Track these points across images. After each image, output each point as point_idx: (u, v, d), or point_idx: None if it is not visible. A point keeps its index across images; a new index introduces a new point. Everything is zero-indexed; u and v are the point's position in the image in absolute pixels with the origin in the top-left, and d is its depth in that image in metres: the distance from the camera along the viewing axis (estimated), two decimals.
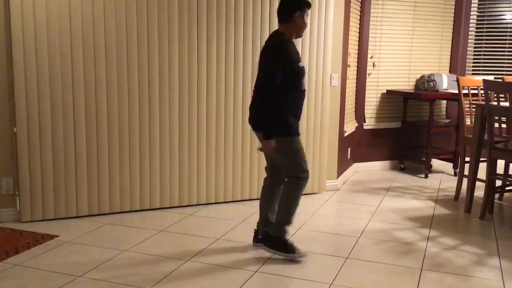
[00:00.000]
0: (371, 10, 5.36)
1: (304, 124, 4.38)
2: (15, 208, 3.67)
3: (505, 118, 3.69)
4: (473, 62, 5.89)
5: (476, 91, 4.95)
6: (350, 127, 5.08)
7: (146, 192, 3.95)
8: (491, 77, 5.51)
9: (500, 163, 4.19)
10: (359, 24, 5.30)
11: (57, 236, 3.40)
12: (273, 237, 3.11)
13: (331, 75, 4.45)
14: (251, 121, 3.14)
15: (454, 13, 5.72)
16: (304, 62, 4.29)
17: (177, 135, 3.97)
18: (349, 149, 5.24)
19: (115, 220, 3.75)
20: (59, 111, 3.60)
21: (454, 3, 5.70)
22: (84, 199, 3.77)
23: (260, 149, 3.10)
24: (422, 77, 5.60)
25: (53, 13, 3.50)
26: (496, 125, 3.86)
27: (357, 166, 5.56)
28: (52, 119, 3.59)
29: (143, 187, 3.93)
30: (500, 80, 4.82)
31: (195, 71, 3.95)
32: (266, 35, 4.12)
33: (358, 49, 5.31)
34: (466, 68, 5.89)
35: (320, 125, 4.44)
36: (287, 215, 3.09)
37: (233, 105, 4.11)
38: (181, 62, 3.89)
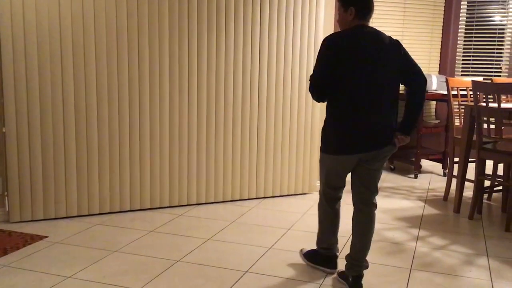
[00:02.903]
0: None
1: (295, 124, 4.39)
2: (4, 208, 3.65)
3: (493, 119, 3.72)
4: (462, 63, 5.93)
5: (465, 92, 4.99)
6: None
7: (136, 192, 3.93)
8: (480, 78, 5.55)
9: (489, 164, 4.23)
10: None
11: (47, 236, 3.38)
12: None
13: None
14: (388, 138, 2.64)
15: (444, 14, 5.76)
16: (295, 63, 4.31)
17: (168, 134, 3.96)
18: None
19: (105, 221, 3.73)
20: (49, 111, 3.58)
21: (443, 4, 5.74)
22: (73, 200, 3.75)
23: None
24: None
25: (43, 13, 3.47)
26: (485, 125, 3.89)
27: None
28: (42, 119, 3.57)
29: (133, 187, 3.92)
30: (489, 81, 4.86)
31: (186, 71, 3.94)
32: (258, 32, 4.13)
33: None
34: (455, 69, 5.93)
35: (310, 124, 4.45)
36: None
37: (224, 104, 4.11)
38: (171, 62, 3.89)
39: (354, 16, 2.57)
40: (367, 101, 2.53)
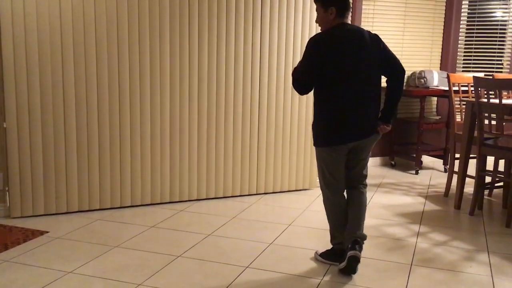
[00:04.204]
0: (363, 7, 5.36)
1: (295, 119, 4.39)
2: (4, 204, 3.65)
3: (494, 115, 3.72)
4: (464, 59, 5.92)
5: (466, 88, 4.98)
6: None
7: (137, 188, 3.94)
8: (481, 74, 5.54)
9: (490, 160, 4.22)
10: (351, 21, 5.30)
11: (47, 232, 3.39)
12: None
13: None
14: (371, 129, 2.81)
15: (445, 10, 5.75)
16: (295, 61, 4.30)
17: (169, 130, 3.96)
18: None
19: (106, 216, 3.73)
20: (49, 106, 3.58)
21: (445, 0, 5.73)
22: (74, 195, 3.75)
23: None
24: (413, 73, 5.62)
25: (43, 8, 3.47)
26: (486, 121, 3.89)
27: None
28: (42, 114, 3.57)
29: (134, 183, 3.92)
30: (490, 77, 4.85)
31: (187, 66, 3.94)
32: (259, 29, 4.12)
33: None
34: (457, 65, 5.92)
35: (311, 120, 4.44)
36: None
37: (224, 100, 4.11)
38: (172, 57, 3.88)
39: (335, 16, 2.73)
40: (353, 94, 2.69)
